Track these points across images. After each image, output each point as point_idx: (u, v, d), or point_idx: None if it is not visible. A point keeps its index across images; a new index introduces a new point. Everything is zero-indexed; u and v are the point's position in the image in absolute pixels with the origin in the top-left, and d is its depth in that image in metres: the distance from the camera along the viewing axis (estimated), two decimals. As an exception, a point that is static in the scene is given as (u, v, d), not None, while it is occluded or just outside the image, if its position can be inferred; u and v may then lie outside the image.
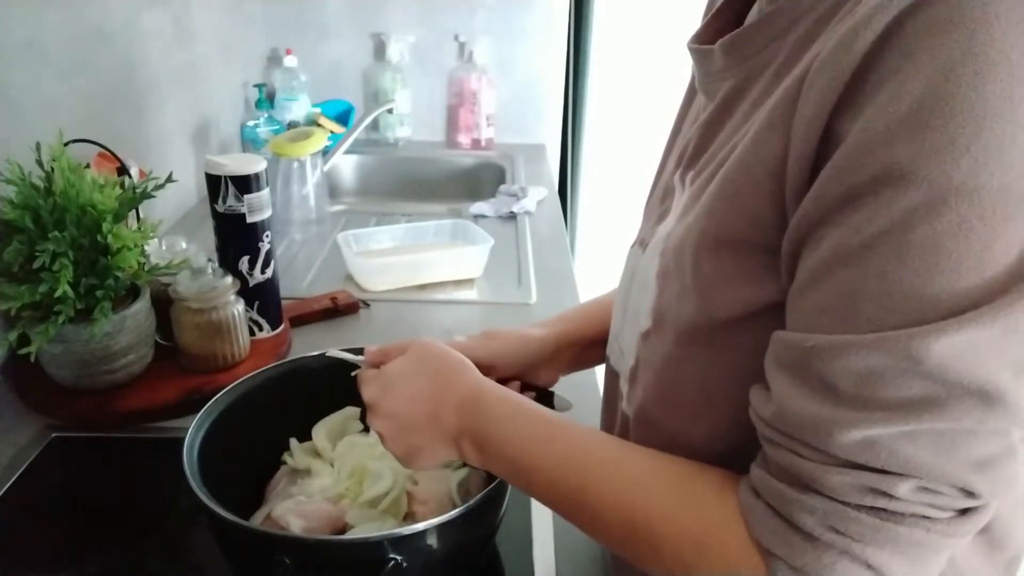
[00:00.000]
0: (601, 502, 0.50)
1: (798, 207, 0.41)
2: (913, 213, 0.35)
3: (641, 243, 0.61)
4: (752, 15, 0.53)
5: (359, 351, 0.67)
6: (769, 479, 0.43)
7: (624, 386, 0.60)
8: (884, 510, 0.39)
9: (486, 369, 0.66)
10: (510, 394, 0.57)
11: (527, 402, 0.57)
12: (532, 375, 0.72)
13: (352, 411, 0.78)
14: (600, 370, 0.74)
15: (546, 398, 0.70)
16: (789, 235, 0.42)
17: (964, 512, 0.39)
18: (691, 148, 0.54)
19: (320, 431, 0.76)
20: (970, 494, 0.38)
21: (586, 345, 0.75)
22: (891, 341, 0.36)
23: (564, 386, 0.73)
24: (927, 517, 0.39)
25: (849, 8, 0.40)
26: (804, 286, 0.41)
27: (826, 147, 0.39)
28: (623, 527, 0.49)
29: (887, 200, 0.36)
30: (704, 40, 0.54)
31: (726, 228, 0.45)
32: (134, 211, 0.93)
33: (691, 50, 0.55)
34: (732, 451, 0.48)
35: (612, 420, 0.64)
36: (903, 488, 0.38)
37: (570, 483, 0.51)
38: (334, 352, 0.70)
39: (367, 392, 0.61)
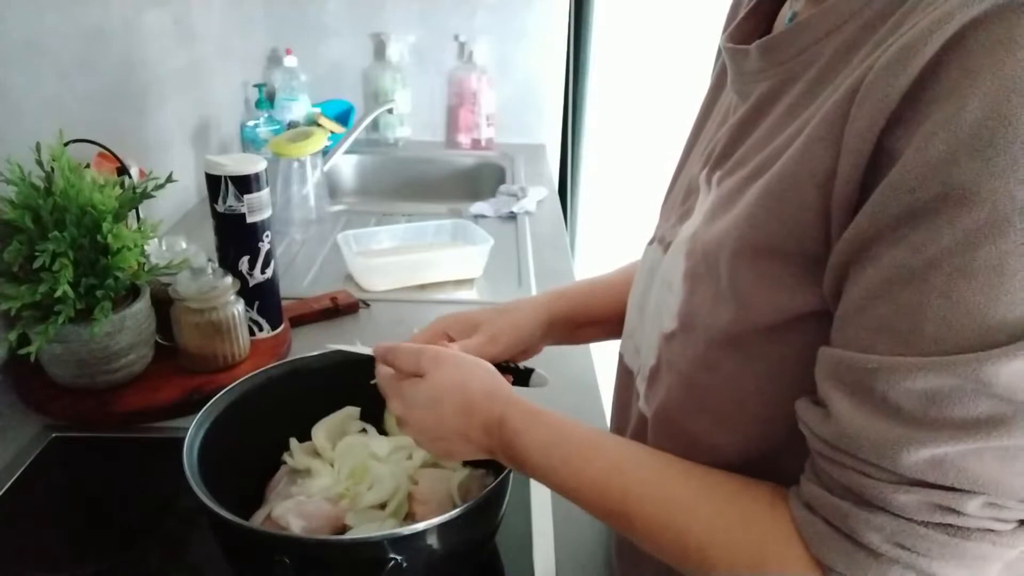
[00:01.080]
0: (647, 525, 0.49)
1: (846, 220, 0.40)
2: (977, 233, 0.35)
3: (661, 242, 0.60)
4: (783, 18, 0.53)
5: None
6: (828, 496, 0.43)
7: (641, 385, 0.59)
8: (952, 526, 0.39)
9: (488, 357, 0.67)
10: (535, 415, 0.56)
11: (554, 421, 0.56)
12: (521, 355, 0.73)
13: (352, 411, 0.78)
14: (601, 371, 0.74)
15: (523, 377, 0.69)
16: (840, 248, 0.41)
17: (1022, 522, 0.40)
18: (720, 148, 0.54)
19: (320, 431, 0.76)
20: None
21: (580, 323, 0.75)
22: (958, 364, 0.36)
23: (564, 386, 0.73)
24: (993, 531, 0.39)
25: (899, 19, 0.40)
26: (861, 303, 0.40)
27: (878, 161, 0.39)
28: (675, 548, 0.49)
29: (949, 219, 0.36)
30: (737, 40, 0.54)
31: (766, 236, 0.45)
32: (134, 211, 0.93)
33: (726, 50, 0.54)
34: (758, 455, 0.48)
35: (626, 420, 0.64)
36: (972, 505, 0.38)
37: (613, 507, 0.51)
38: (336, 347, 0.70)
39: (393, 406, 0.62)
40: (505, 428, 0.55)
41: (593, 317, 0.76)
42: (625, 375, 0.65)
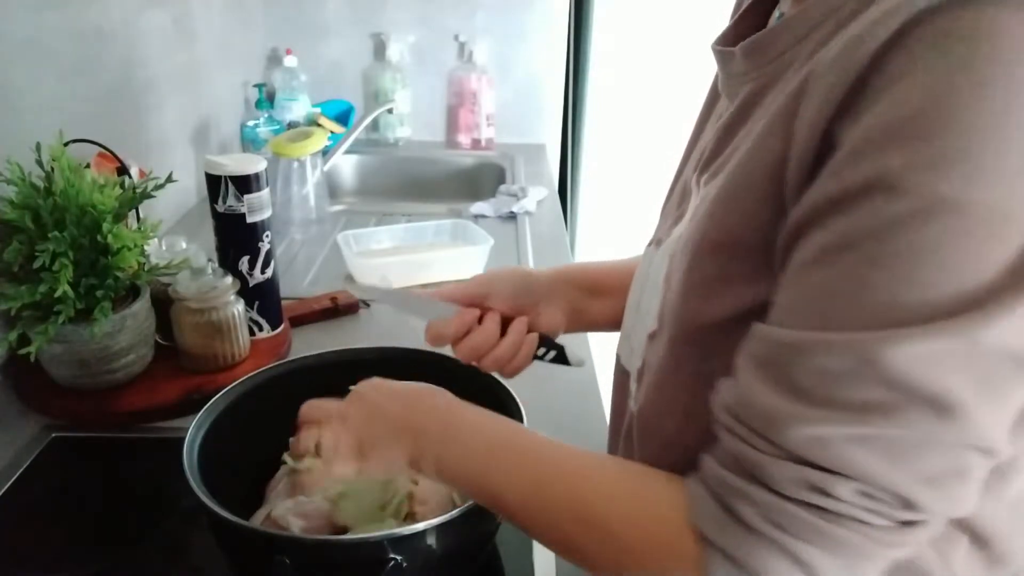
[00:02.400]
0: (554, 499, 0.50)
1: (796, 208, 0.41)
2: (897, 222, 0.35)
3: (657, 243, 0.61)
4: (773, 19, 0.53)
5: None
6: (715, 466, 0.43)
7: (632, 385, 0.60)
8: (823, 509, 0.39)
9: (481, 298, 0.69)
10: (469, 407, 0.57)
11: (487, 412, 0.57)
12: (532, 312, 0.71)
13: None
14: (601, 372, 0.74)
15: (558, 350, 0.70)
16: (783, 233, 0.42)
17: (905, 524, 0.39)
18: (708, 151, 0.54)
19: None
20: (911, 506, 0.38)
21: (586, 290, 0.74)
22: (855, 343, 0.37)
23: (565, 387, 0.73)
24: (865, 522, 0.39)
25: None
26: (784, 283, 0.41)
27: (825, 150, 0.39)
28: (575, 523, 0.49)
29: (873, 207, 0.36)
30: (728, 42, 0.54)
31: (724, 231, 0.46)
32: (134, 211, 0.93)
33: (714, 51, 0.55)
34: None
35: (621, 419, 0.64)
36: (844, 489, 0.38)
37: (526, 475, 0.52)
38: (369, 284, 0.70)
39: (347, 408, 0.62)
40: (451, 411, 0.57)
41: (601, 286, 0.74)
42: (621, 376, 0.66)
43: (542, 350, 0.70)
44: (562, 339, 0.72)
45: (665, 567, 0.45)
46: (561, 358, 0.70)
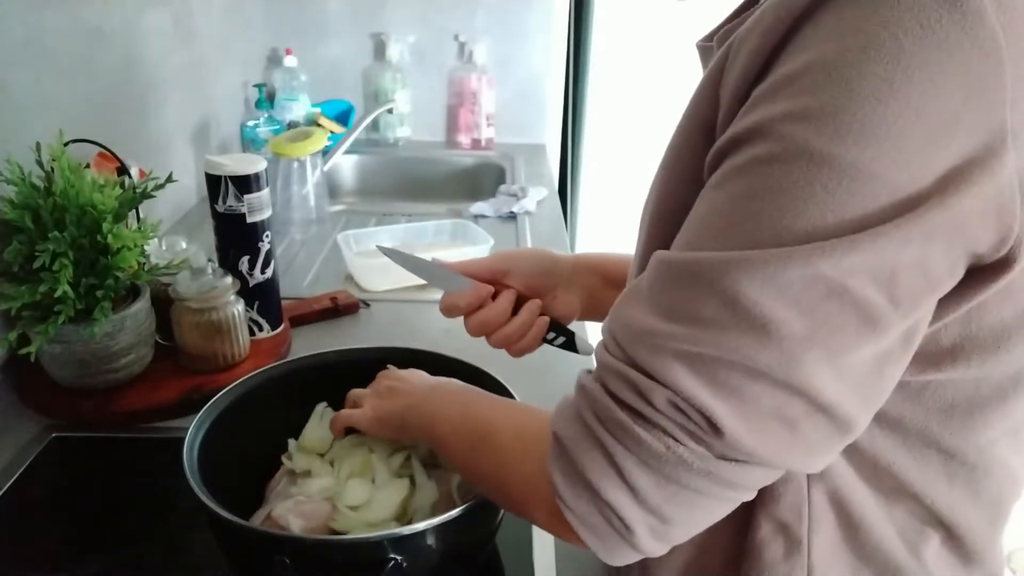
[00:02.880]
0: (472, 426, 0.56)
1: None
2: (765, 164, 0.37)
3: None
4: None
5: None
6: (583, 372, 0.45)
7: None
8: (638, 413, 0.40)
9: (501, 274, 0.70)
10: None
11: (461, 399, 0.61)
12: (549, 295, 0.72)
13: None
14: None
15: (568, 337, 0.70)
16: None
17: (723, 458, 0.39)
18: None
19: (315, 431, 0.75)
20: (717, 431, 0.38)
21: (606, 279, 0.74)
22: (708, 261, 0.39)
23: (564, 387, 0.73)
24: (673, 436, 0.39)
25: None
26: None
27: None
28: (481, 440, 0.54)
29: (750, 150, 0.38)
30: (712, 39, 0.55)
31: (672, 196, 0.47)
32: (134, 211, 0.93)
33: (697, 48, 0.56)
34: None
35: None
36: (658, 397, 0.39)
37: (455, 416, 0.58)
38: (385, 245, 0.73)
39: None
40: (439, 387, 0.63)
41: (621, 278, 0.75)
42: None
43: (552, 334, 0.70)
44: (575, 327, 0.72)
45: (531, 467, 0.47)
46: (570, 344, 0.70)
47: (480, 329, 0.69)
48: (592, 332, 0.73)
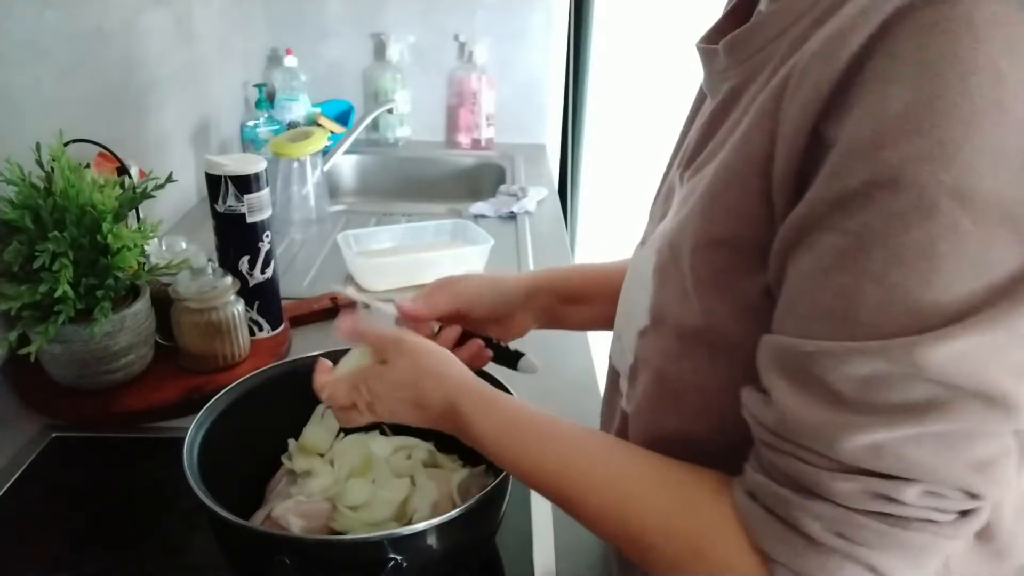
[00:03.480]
0: (592, 510, 0.50)
1: (786, 206, 0.41)
2: (906, 217, 0.35)
3: (643, 242, 0.61)
4: (755, 16, 0.54)
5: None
6: (769, 484, 0.43)
7: (624, 384, 0.60)
8: (891, 515, 0.39)
9: (461, 316, 0.69)
10: (488, 401, 0.56)
11: (507, 407, 0.56)
12: (506, 320, 0.72)
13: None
14: (601, 372, 0.74)
15: (509, 358, 0.70)
16: (781, 235, 0.42)
17: (964, 513, 0.40)
18: (691, 147, 0.54)
19: (315, 432, 0.75)
20: (972, 495, 0.39)
21: (565, 298, 0.74)
22: (894, 348, 0.36)
23: (563, 387, 0.73)
24: (932, 521, 0.39)
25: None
26: (799, 290, 0.41)
27: (814, 149, 0.39)
28: (618, 533, 0.49)
29: (880, 204, 0.36)
30: (712, 40, 0.54)
31: (719, 227, 0.46)
32: (134, 211, 0.93)
33: (699, 50, 0.55)
34: (730, 447, 0.48)
35: (612, 418, 0.64)
36: (910, 493, 0.38)
37: (561, 491, 0.52)
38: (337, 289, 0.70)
39: (357, 396, 0.60)
40: (457, 412, 0.56)
41: (579, 294, 0.75)
42: (613, 376, 0.66)
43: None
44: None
45: None
46: (512, 367, 0.70)
47: None
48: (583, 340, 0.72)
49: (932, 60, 0.34)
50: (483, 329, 0.72)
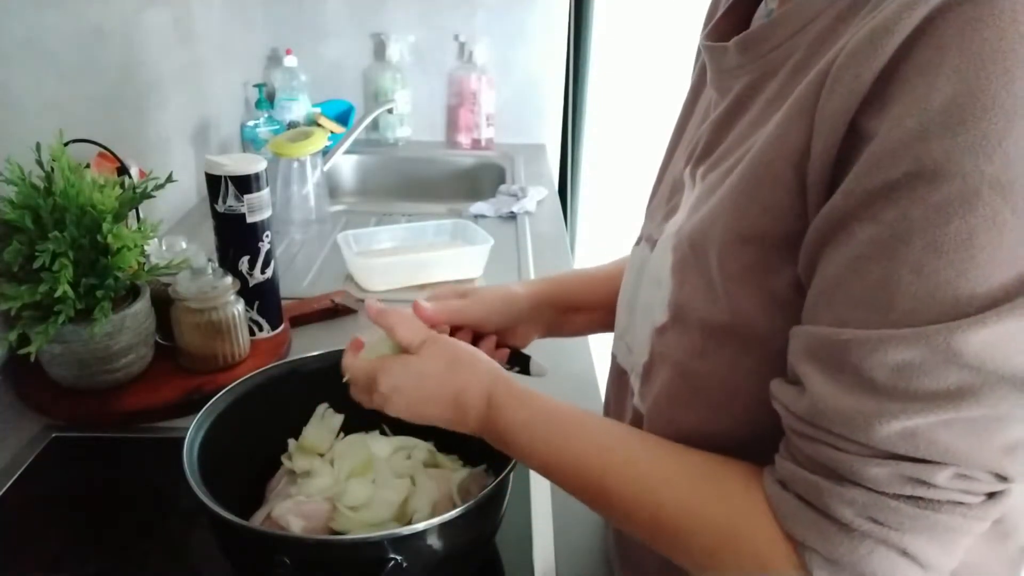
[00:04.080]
0: (624, 502, 0.50)
1: (821, 199, 0.41)
2: (947, 207, 0.36)
3: (648, 240, 0.61)
4: (760, 13, 0.54)
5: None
6: (800, 471, 0.43)
7: (636, 383, 0.60)
8: (922, 499, 0.40)
9: (474, 331, 0.70)
10: (520, 393, 0.57)
11: (539, 401, 0.57)
12: (512, 332, 0.73)
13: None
14: (601, 371, 0.74)
15: (523, 361, 0.72)
16: (816, 226, 0.42)
17: (992, 495, 0.40)
18: (702, 144, 0.54)
19: (315, 432, 0.75)
20: (1002, 478, 0.39)
21: (568, 307, 0.76)
22: (929, 335, 0.37)
23: (564, 386, 0.73)
24: (962, 503, 0.40)
25: (874, 5, 0.40)
26: (836, 280, 0.41)
27: (852, 142, 0.39)
28: (649, 524, 0.49)
29: (921, 195, 0.36)
30: (717, 38, 0.54)
31: (749, 222, 0.46)
32: (134, 211, 0.93)
33: (705, 47, 0.55)
34: (754, 440, 0.49)
35: (620, 417, 0.64)
36: (942, 476, 0.39)
37: (592, 484, 0.52)
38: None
39: (384, 381, 0.60)
40: (490, 403, 0.57)
41: (582, 302, 0.77)
42: (618, 375, 0.66)
43: (507, 365, 0.72)
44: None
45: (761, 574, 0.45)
46: (525, 370, 0.73)
47: None
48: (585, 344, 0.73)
49: (975, 54, 0.35)
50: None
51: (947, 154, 0.35)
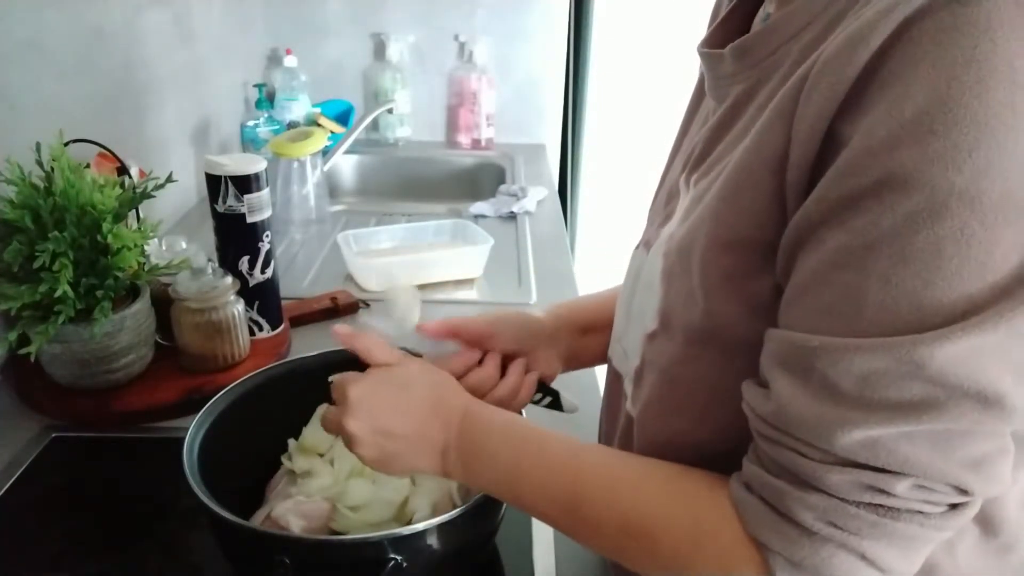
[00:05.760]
0: (594, 507, 0.50)
1: (799, 204, 0.41)
2: (915, 218, 0.36)
3: (645, 245, 0.61)
4: (758, 20, 0.54)
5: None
6: (764, 475, 0.43)
7: (629, 387, 0.60)
8: (882, 506, 0.40)
9: (486, 337, 0.68)
10: (497, 410, 0.59)
11: (515, 416, 0.58)
12: (532, 356, 0.71)
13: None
14: (601, 373, 0.74)
15: (552, 394, 0.71)
16: (789, 232, 0.42)
17: (955, 507, 0.40)
18: (698, 151, 0.54)
19: (315, 432, 0.75)
20: (963, 491, 0.39)
21: (579, 329, 0.76)
22: (895, 346, 0.36)
23: (567, 388, 0.73)
24: (922, 512, 0.40)
25: (858, 11, 0.40)
26: (805, 286, 0.41)
27: (828, 148, 0.39)
28: (618, 530, 0.49)
29: (890, 204, 0.36)
30: (714, 44, 0.54)
31: (731, 229, 0.46)
32: (134, 211, 0.93)
33: (701, 54, 0.55)
34: (741, 446, 0.48)
35: (614, 422, 0.64)
36: (901, 486, 0.39)
37: (562, 490, 0.52)
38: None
39: (352, 390, 0.58)
40: (468, 417, 0.57)
41: (597, 321, 0.75)
42: (614, 379, 0.66)
43: (538, 395, 0.71)
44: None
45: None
46: (556, 404, 0.72)
47: (471, 393, 0.65)
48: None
49: (949, 62, 0.34)
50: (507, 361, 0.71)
51: (916, 164, 0.35)
